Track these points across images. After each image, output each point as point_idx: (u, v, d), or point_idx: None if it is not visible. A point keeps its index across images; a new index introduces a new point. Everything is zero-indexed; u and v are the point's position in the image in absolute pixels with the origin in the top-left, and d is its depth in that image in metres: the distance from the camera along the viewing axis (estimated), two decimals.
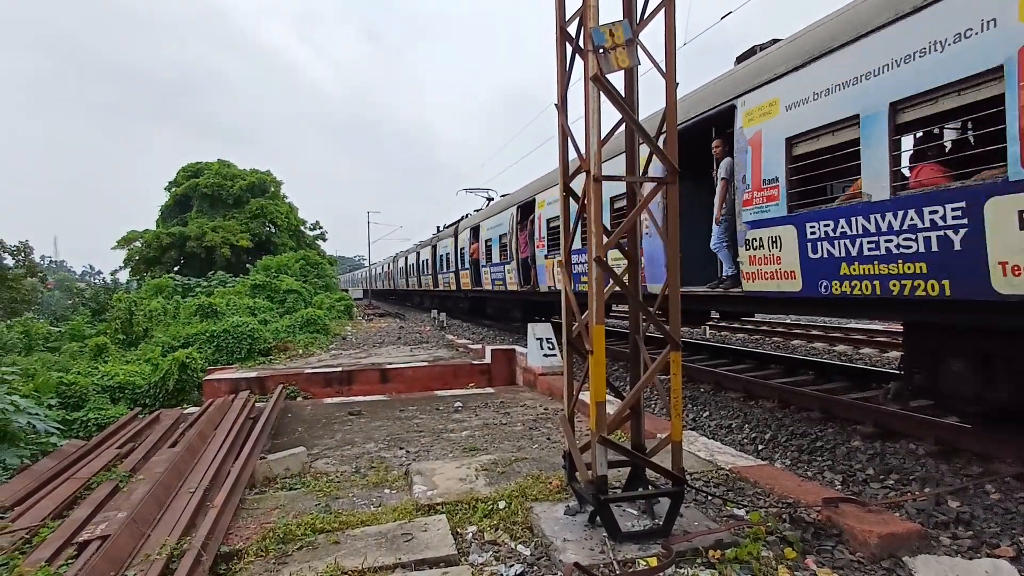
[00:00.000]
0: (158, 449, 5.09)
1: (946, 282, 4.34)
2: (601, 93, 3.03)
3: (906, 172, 4.88)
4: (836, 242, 5.16)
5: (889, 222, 4.69)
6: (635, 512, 3.41)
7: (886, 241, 4.73)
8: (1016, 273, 3.86)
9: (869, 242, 4.88)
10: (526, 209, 14.16)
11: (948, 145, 5.19)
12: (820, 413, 6.39)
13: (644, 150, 3.52)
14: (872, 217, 4.82)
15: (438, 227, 26.91)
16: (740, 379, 7.95)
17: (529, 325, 8.53)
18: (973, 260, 4.10)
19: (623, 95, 3.31)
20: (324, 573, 2.84)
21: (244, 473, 4.25)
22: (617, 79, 3.30)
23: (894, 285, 4.71)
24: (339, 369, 9.28)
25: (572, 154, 3.51)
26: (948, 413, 5.45)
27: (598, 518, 3.15)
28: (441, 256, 24.66)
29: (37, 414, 5.25)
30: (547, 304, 15.73)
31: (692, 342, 12.11)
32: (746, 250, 6.18)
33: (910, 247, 4.54)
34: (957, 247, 4.21)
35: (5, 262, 22.82)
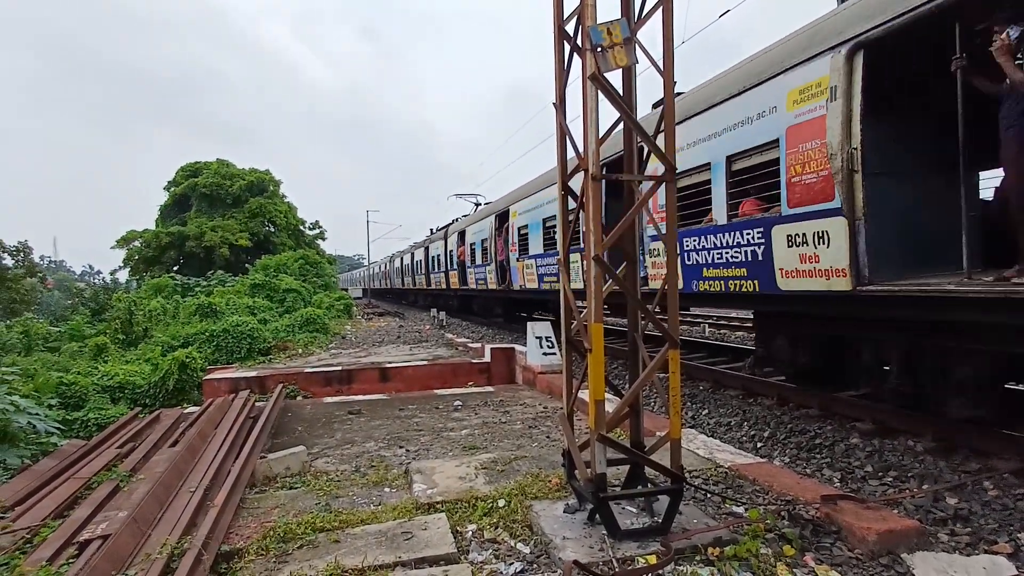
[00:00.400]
0: (158, 449, 5.10)
1: (756, 281, 6.18)
2: (599, 92, 3.04)
3: (736, 205, 6.55)
4: (700, 253, 7.14)
5: (727, 239, 6.57)
6: (634, 510, 3.42)
7: (726, 253, 6.61)
8: (785, 275, 5.77)
9: (717, 253, 6.75)
10: (503, 217, 16.05)
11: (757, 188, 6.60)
12: (819, 410, 6.40)
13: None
14: (719, 235, 6.68)
15: (431, 229, 27.99)
16: (739, 376, 7.96)
17: (528, 324, 8.55)
18: (768, 267, 5.96)
19: (621, 94, 3.31)
20: (325, 572, 2.85)
21: (244, 472, 4.26)
22: (615, 78, 3.31)
23: (732, 284, 6.57)
24: (339, 368, 9.28)
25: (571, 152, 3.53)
26: (779, 375, 7.33)
27: (597, 516, 3.16)
28: (433, 257, 25.97)
29: (37, 414, 5.26)
30: (521, 301, 18.18)
31: (691, 340, 12.13)
32: (650, 257, 8.09)
33: (737, 257, 6.43)
34: (760, 258, 6.06)
35: (4, 262, 22.81)
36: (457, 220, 23.37)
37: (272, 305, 19.15)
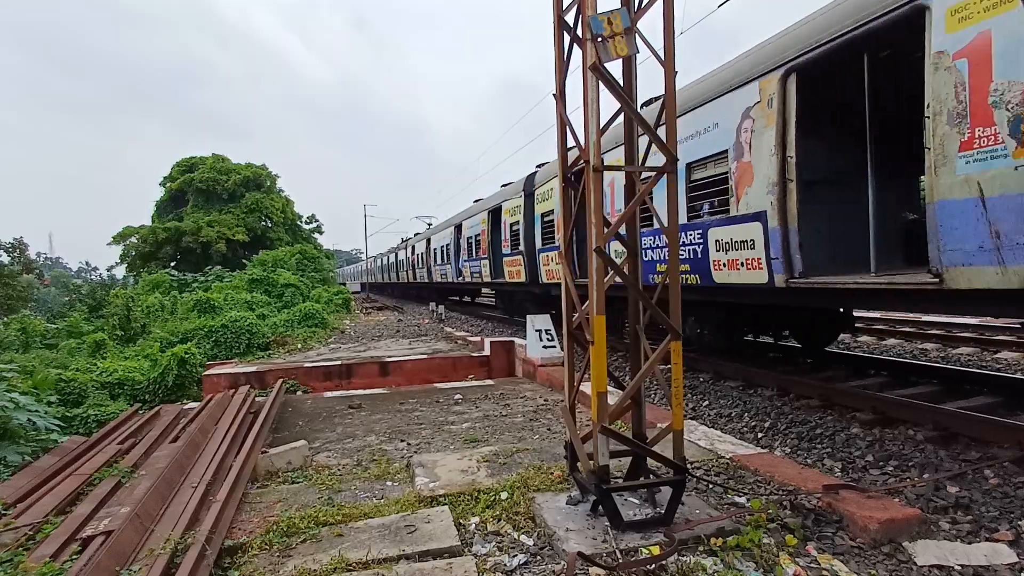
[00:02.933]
0: (159, 444, 5.09)
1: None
2: (600, 82, 3.02)
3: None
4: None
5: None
6: (637, 501, 3.43)
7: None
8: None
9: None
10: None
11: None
12: (819, 401, 6.42)
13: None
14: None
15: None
16: (740, 368, 7.98)
17: (528, 317, 8.54)
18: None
19: (622, 84, 3.29)
20: (328, 566, 2.86)
21: (246, 467, 4.26)
22: (615, 68, 3.29)
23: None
24: (338, 363, 9.28)
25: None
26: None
27: (600, 507, 3.16)
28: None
29: (37, 411, 5.23)
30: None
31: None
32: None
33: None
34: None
35: (1, 259, 22.72)
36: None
37: (270, 300, 19.11)
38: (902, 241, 7.37)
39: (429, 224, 24.84)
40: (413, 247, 31.34)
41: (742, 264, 6.56)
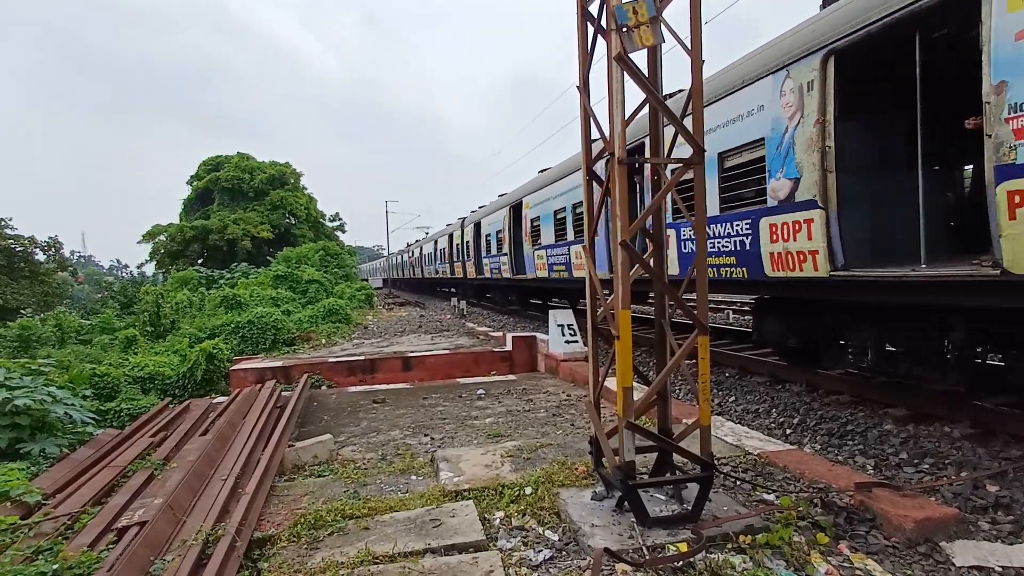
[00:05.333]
0: (190, 438, 5.20)
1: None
2: (625, 73, 2.97)
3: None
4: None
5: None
6: (663, 497, 3.39)
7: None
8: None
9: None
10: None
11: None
12: (849, 396, 6.27)
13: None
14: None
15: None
16: (766, 363, 7.84)
17: (550, 312, 8.52)
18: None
19: (647, 75, 3.23)
20: (355, 558, 2.88)
21: (274, 460, 4.32)
22: (639, 59, 3.23)
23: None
24: (362, 358, 9.37)
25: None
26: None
27: (626, 503, 3.13)
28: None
29: (73, 404, 5.39)
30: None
31: (715, 327, 11.96)
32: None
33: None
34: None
35: (37, 257, 23.44)
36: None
37: (295, 296, 19.38)
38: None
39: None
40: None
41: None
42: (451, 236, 26.69)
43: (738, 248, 6.75)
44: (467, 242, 23.11)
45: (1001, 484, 4.01)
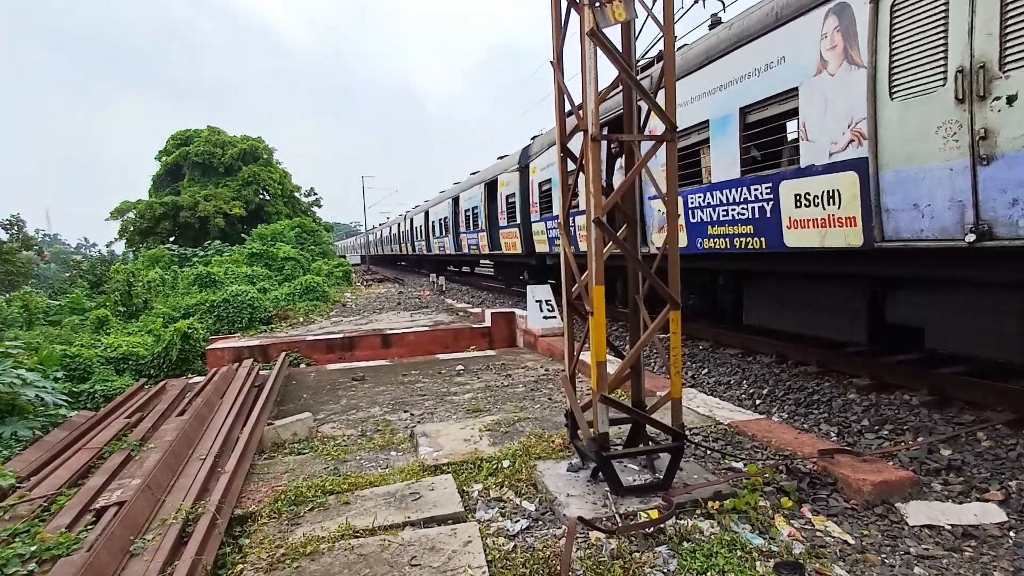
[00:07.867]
0: (166, 418, 5.17)
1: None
2: (598, 49, 2.96)
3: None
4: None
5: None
6: (636, 467, 3.50)
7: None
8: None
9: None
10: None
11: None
12: (817, 367, 6.49)
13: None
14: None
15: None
16: (738, 336, 8.04)
17: (528, 288, 8.57)
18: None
19: (620, 51, 3.23)
20: (336, 532, 2.94)
21: (253, 439, 4.33)
22: (615, 35, 3.22)
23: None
24: (341, 335, 9.35)
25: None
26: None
27: (600, 474, 3.24)
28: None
29: (44, 387, 5.30)
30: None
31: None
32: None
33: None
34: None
35: None
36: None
37: (271, 274, 19.12)
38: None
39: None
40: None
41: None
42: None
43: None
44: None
45: (954, 448, 4.23)
